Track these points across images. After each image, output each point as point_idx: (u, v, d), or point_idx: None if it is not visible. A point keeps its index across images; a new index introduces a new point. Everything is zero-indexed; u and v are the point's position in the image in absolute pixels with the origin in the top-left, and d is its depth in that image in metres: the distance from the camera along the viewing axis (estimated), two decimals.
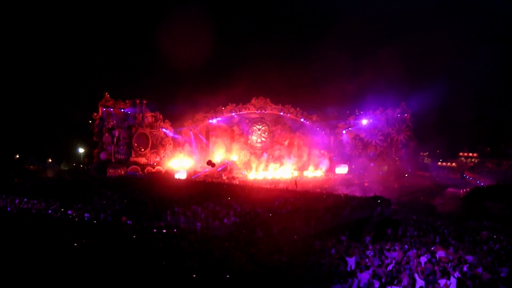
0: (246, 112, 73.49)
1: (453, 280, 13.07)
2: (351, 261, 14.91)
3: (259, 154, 72.69)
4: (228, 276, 12.05)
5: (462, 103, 79.42)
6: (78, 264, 11.89)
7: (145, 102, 65.72)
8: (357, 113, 75.97)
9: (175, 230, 20.99)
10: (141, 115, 65.18)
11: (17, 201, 28.62)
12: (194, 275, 11.67)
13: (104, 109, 62.25)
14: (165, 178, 55.33)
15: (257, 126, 74.71)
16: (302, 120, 74.91)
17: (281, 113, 74.21)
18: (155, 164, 64.96)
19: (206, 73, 75.81)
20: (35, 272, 10.59)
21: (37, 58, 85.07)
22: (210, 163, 53.75)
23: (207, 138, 72.99)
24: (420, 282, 12.61)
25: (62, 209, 27.55)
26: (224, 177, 61.61)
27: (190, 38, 77.43)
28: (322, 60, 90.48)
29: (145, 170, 61.22)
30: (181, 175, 61.25)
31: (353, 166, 71.73)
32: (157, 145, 67.17)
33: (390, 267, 14.14)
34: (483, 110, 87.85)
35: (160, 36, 71.93)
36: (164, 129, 68.37)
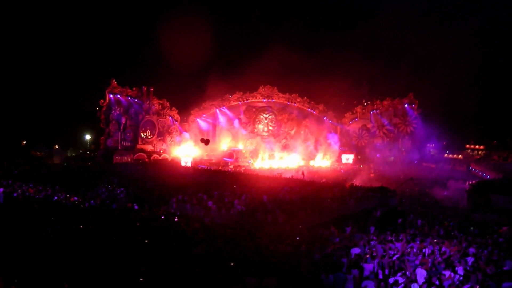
0: (253, 100, 73.38)
1: (457, 272, 13.12)
2: (355, 251, 14.98)
3: (266, 143, 72.50)
4: (232, 264, 12.16)
5: (470, 95, 78.52)
6: (86, 250, 12.01)
7: (152, 89, 65.86)
8: (364, 103, 75.68)
9: (177, 218, 21.16)
10: (148, 102, 65.28)
11: (24, 187, 28.64)
12: (199, 262, 11.78)
13: (111, 96, 62.30)
14: (171, 166, 55.50)
15: (264, 115, 74.47)
16: (309, 109, 74.53)
17: (288, 102, 73.90)
18: (161, 151, 65.17)
19: (213, 62, 75.60)
20: (41, 258, 10.71)
21: (46, 45, 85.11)
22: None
23: (214, 126, 73.04)
24: (423, 273, 12.64)
25: (68, 195, 27.74)
26: (230, 166, 61.61)
27: (197, 25, 76.90)
28: (330, 50, 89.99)
29: (151, 158, 61.43)
30: (187, 162, 61.40)
31: (359, 157, 71.54)
32: (164, 132, 67.40)
33: (394, 258, 14.20)
34: (491, 103, 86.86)
35: (167, 23, 71.64)
36: (170, 117, 68.50)
